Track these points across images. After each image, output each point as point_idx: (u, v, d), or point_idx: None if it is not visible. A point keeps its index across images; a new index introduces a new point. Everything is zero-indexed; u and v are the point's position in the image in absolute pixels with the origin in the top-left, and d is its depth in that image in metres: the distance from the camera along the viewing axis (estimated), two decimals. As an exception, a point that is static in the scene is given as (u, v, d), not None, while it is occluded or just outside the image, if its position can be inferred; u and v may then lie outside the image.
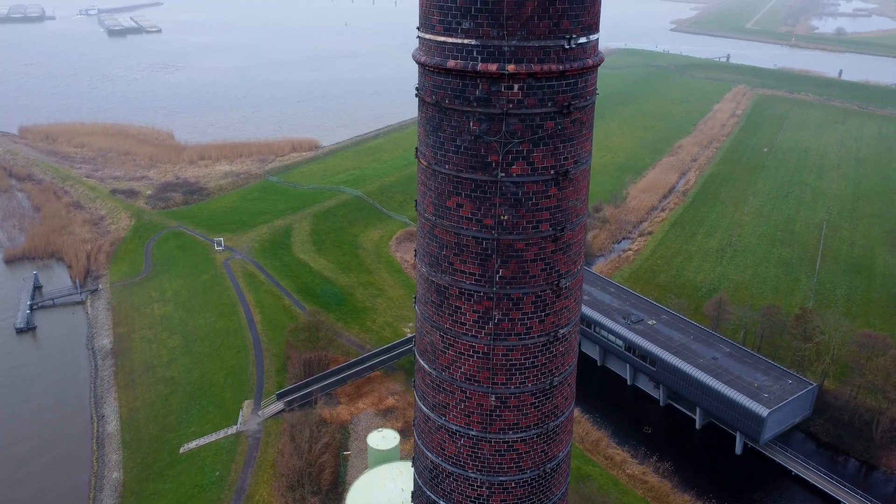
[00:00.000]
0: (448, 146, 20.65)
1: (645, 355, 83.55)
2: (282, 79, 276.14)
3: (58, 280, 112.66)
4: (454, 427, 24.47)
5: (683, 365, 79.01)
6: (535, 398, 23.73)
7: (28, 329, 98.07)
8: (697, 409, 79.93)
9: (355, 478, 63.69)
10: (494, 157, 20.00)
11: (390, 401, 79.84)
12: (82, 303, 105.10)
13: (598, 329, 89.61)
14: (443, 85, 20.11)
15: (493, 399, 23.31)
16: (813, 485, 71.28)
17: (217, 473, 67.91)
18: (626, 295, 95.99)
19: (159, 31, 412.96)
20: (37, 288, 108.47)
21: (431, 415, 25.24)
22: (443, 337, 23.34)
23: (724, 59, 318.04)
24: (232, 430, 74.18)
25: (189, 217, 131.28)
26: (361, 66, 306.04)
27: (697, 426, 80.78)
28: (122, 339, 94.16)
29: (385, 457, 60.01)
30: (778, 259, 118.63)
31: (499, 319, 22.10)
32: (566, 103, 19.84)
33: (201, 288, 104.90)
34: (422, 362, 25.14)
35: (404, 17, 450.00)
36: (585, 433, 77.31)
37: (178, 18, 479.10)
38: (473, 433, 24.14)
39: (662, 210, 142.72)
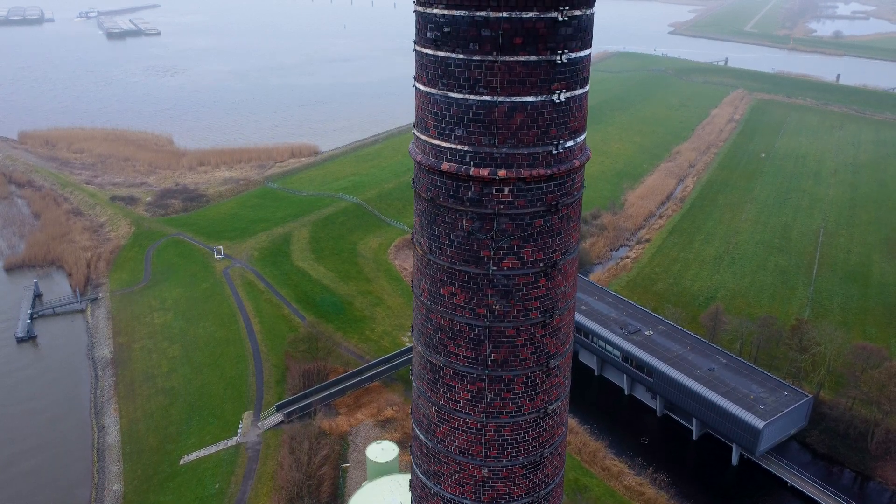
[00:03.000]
0: (442, 239, 21.61)
1: (642, 366, 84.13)
2: (280, 83, 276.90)
3: (58, 288, 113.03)
4: (449, 495, 25.42)
5: (680, 376, 79.58)
6: (527, 469, 24.71)
7: (29, 338, 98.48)
8: (694, 420, 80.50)
9: (354, 490, 64.27)
10: (486, 252, 21.02)
11: (389, 412, 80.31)
12: (83, 311, 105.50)
13: (595, 339, 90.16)
14: (437, 184, 21.07)
15: (486, 471, 24.32)
16: (808, 496, 71.83)
17: (217, 486, 68.39)
18: (623, 305, 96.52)
19: (158, 33, 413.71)
20: (37, 296, 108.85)
21: (427, 482, 26.15)
22: (438, 412, 24.36)
23: (722, 63, 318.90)
24: (232, 441, 74.66)
25: (189, 224, 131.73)
26: (360, 70, 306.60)
27: (694, 436, 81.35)
28: (122, 348, 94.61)
29: (384, 469, 60.54)
30: (775, 267, 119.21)
31: (491, 399, 23.06)
32: (554, 202, 20.87)
33: (201, 297, 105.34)
34: (418, 432, 26.11)
35: (403, 20, 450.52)
36: (583, 444, 77.83)
37: (177, 21, 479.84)
38: (467, 502, 25.11)
39: (660, 217, 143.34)
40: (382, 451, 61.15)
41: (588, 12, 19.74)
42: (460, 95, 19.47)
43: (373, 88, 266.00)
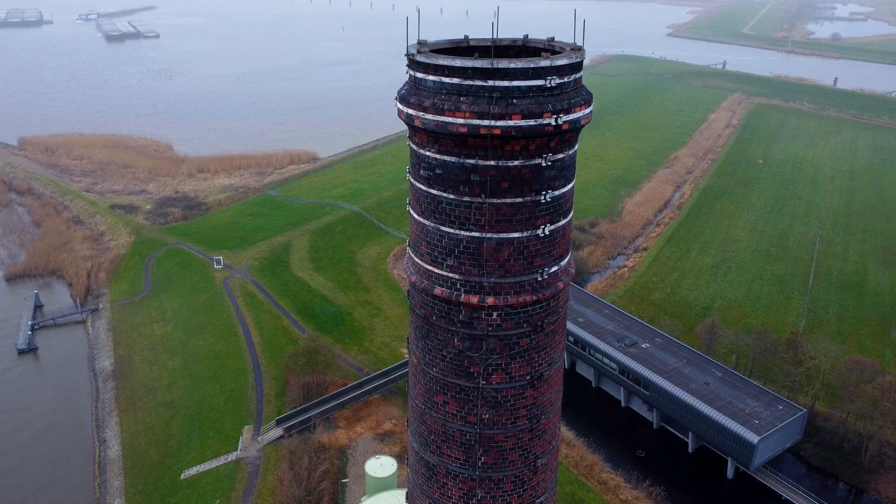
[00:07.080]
0: (435, 353, 22.97)
1: (638, 379, 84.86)
2: (279, 86, 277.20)
3: (59, 298, 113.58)
4: None
5: (676, 390, 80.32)
6: None
7: (30, 350, 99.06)
8: (690, 434, 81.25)
9: (353, 506, 64.97)
10: (476, 368, 22.41)
11: (388, 425, 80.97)
12: (83, 322, 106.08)
13: (592, 352, 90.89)
14: (431, 304, 22.40)
15: None
16: (803, 509, 72.70)
17: (217, 501, 69.04)
18: (620, 317, 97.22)
19: (157, 35, 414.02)
20: (38, 307, 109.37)
21: None
22: None
23: (720, 66, 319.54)
24: (232, 456, 75.31)
25: (188, 233, 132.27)
26: (359, 73, 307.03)
27: (690, 450, 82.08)
28: (122, 360, 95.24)
29: (383, 484, 61.00)
30: (771, 276, 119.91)
31: (482, 496, 24.49)
32: (540, 322, 22.24)
33: (201, 308, 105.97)
34: None
35: (402, 22, 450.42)
36: (580, 457, 78.51)
37: (175, 23, 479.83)
38: None
39: (658, 225, 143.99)
40: (381, 466, 61.55)
41: (570, 153, 20.77)
42: (451, 230, 20.79)
43: (372, 93, 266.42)
